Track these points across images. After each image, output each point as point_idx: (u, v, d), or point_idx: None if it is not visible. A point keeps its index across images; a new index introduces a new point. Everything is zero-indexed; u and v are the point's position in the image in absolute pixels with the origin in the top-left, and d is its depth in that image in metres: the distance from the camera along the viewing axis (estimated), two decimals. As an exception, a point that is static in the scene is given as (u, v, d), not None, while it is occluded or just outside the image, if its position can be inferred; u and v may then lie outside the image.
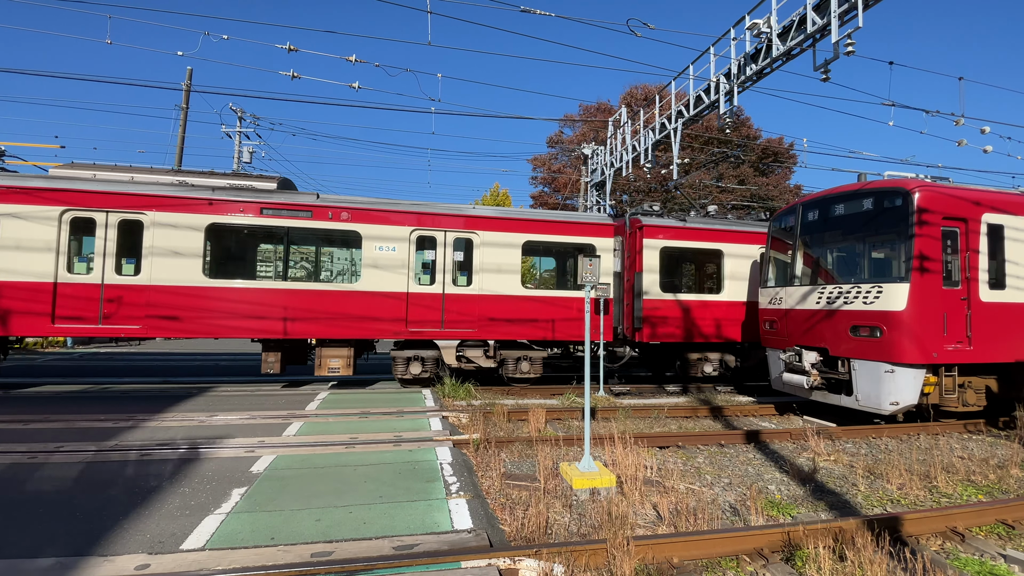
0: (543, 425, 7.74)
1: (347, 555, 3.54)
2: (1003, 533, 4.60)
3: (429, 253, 10.69)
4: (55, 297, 8.87)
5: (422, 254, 10.67)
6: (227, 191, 9.72)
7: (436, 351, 10.56)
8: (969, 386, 8.15)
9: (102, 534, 3.84)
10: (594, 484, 5.23)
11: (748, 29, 10.40)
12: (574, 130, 34.34)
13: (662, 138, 14.54)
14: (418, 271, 10.66)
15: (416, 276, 10.47)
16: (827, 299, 8.48)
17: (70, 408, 8.01)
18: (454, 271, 10.61)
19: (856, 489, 5.67)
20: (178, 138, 18.31)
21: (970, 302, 7.81)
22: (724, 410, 9.35)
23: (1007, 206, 8.36)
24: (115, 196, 9.19)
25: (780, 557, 3.93)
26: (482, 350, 10.77)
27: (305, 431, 6.97)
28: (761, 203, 29.72)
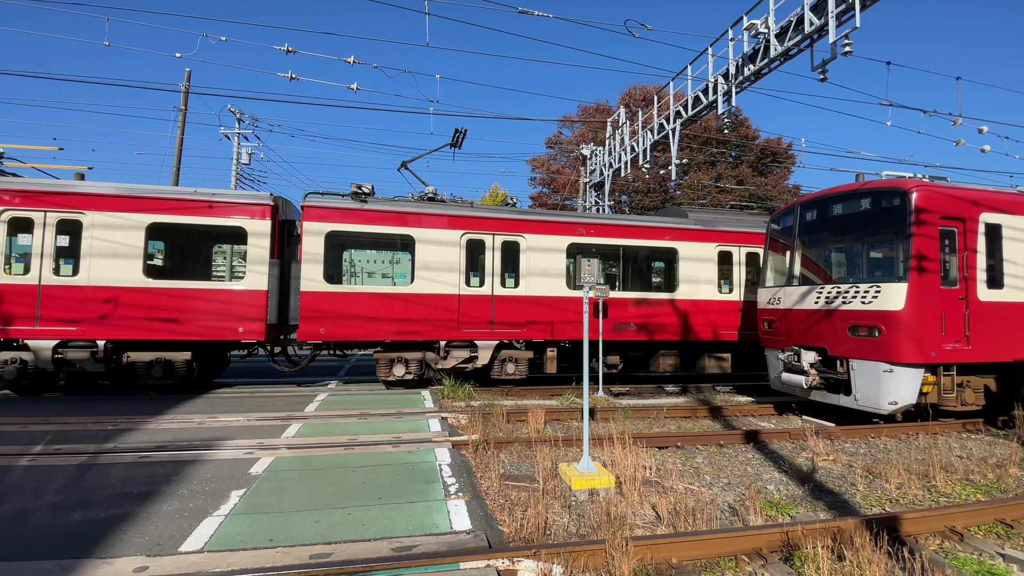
0: (542, 426, 7.74)
1: (346, 556, 3.54)
2: (1002, 532, 4.61)
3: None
4: None
5: None
6: None
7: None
8: (968, 385, 8.16)
9: (100, 536, 3.84)
10: (593, 485, 5.23)
11: (746, 30, 10.43)
12: (573, 131, 34.38)
13: (660, 139, 14.57)
14: None
15: None
16: (825, 299, 8.49)
17: (69, 410, 8.00)
18: None
19: (855, 489, 5.67)
20: (176, 140, 18.30)
21: (968, 301, 7.82)
22: (723, 410, 9.35)
23: (1005, 205, 8.38)
24: None
25: (779, 557, 3.93)
26: None
27: (304, 432, 6.97)
28: (759, 203, 29.76)
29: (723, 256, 12.20)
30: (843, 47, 8.63)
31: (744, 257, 12.35)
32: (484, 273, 10.81)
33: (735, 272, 12.31)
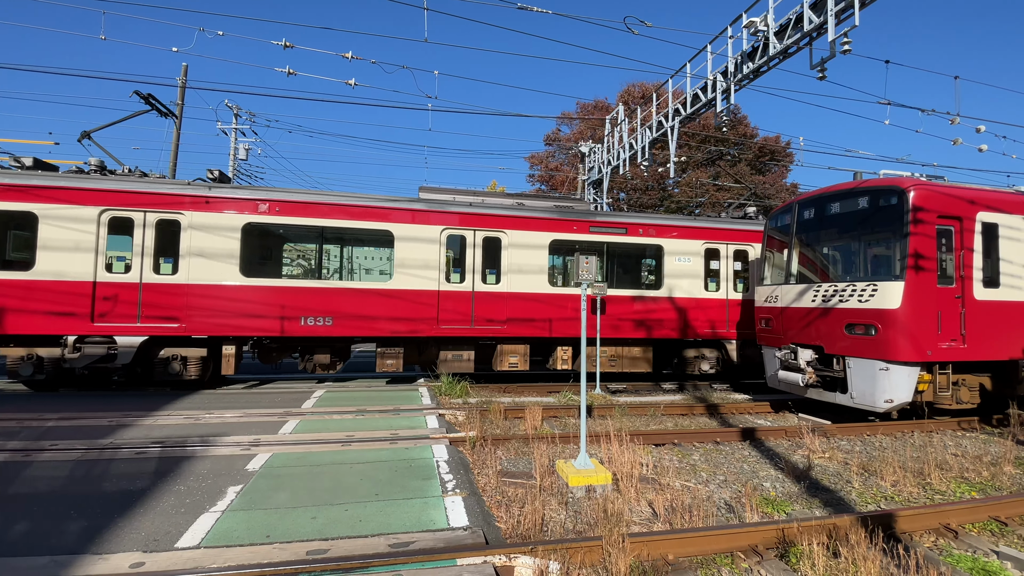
0: (539, 423, 7.75)
1: (343, 553, 3.54)
2: (996, 530, 4.63)
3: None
4: None
5: None
6: None
7: None
8: (963, 384, 8.20)
9: (96, 532, 3.83)
10: (590, 481, 5.24)
11: (745, 27, 10.42)
12: (571, 128, 34.33)
13: (659, 136, 14.56)
14: None
15: None
16: (822, 297, 8.51)
17: (65, 406, 7.97)
18: None
19: (850, 486, 5.70)
20: (173, 135, 18.20)
21: (964, 300, 7.85)
22: (720, 408, 9.38)
23: (1002, 205, 8.40)
24: None
25: (775, 554, 3.95)
26: None
27: (301, 429, 6.96)
28: (757, 201, 29.78)
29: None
30: (842, 45, 8.63)
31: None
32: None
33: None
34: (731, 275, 12.16)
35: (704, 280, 11.93)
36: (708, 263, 12.06)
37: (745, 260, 12.31)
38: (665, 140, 14.24)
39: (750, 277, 12.43)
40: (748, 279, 12.26)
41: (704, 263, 11.98)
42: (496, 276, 10.91)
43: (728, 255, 12.17)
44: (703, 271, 11.93)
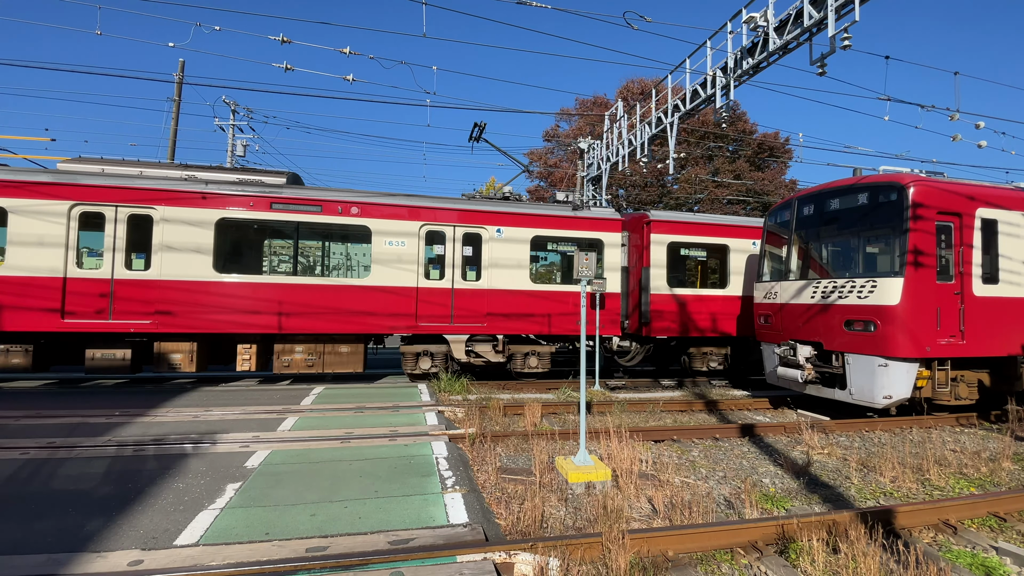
0: (539, 419, 7.74)
1: (342, 550, 3.53)
2: (995, 525, 4.64)
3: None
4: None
5: None
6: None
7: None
8: (962, 380, 8.22)
9: (95, 530, 3.82)
10: (589, 478, 5.24)
11: (745, 23, 10.36)
12: (570, 124, 34.25)
13: (658, 132, 14.51)
14: None
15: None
16: (822, 293, 8.51)
17: (63, 403, 7.95)
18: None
19: (849, 482, 5.71)
20: (170, 131, 18.12)
21: (963, 296, 7.85)
22: (719, 404, 9.39)
23: (1001, 201, 8.40)
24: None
25: (774, 550, 3.95)
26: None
27: (300, 426, 6.95)
28: (756, 197, 29.78)
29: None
30: (842, 41, 8.59)
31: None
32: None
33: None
34: (459, 262, 10.73)
35: (425, 268, 10.56)
36: (431, 247, 10.77)
37: (478, 245, 10.88)
38: (664, 136, 14.19)
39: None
40: (479, 266, 10.86)
41: (423, 248, 10.55)
42: (145, 261, 9.41)
43: (456, 238, 10.73)
44: (422, 257, 10.50)
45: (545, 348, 11.35)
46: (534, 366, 11.21)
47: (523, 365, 11.18)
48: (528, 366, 11.16)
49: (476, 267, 10.89)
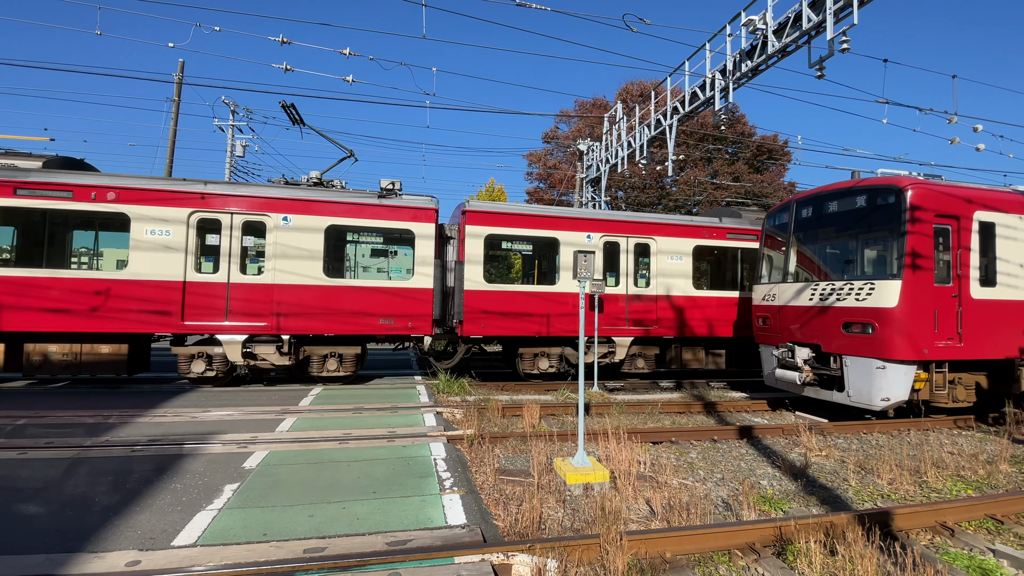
0: (537, 421, 7.75)
1: (340, 551, 3.52)
2: (992, 528, 4.65)
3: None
4: None
5: None
6: None
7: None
8: (959, 382, 8.23)
9: (92, 530, 3.81)
10: (588, 479, 5.24)
11: (744, 25, 10.41)
12: (570, 126, 34.28)
13: (657, 134, 14.55)
14: None
15: None
16: (820, 296, 8.52)
17: (61, 404, 7.94)
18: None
19: (847, 484, 5.71)
20: (170, 131, 18.12)
21: (961, 299, 7.87)
22: (717, 406, 9.40)
23: (999, 204, 8.42)
24: None
25: (772, 551, 3.95)
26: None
27: (298, 427, 6.95)
28: (755, 199, 29.82)
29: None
30: (841, 44, 8.63)
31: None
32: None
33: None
34: (237, 253, 9.67)
35: (196, 259, 9.58)
36: (204, 239, 9.80)
37: (261, 235, 9.88)
38: (663, 138, 14.23)
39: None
40: (263, 258, 9.92)
41: (193, 237, 9.50)
42: None
43: (233, 228, 9.65)
44: (191, 247, 9.46)
45: (349, 349, 10.27)
46: (333, 369, 10.15)
47: (321, 368, 10.15)
48: (327, 369, 10.12)
49: (259, 259, 9.94)
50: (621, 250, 11.62)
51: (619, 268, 11.63)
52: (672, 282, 11.74)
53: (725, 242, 12.28)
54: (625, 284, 11.58)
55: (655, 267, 11.74)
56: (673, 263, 11.80)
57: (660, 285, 11.68)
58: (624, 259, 11.61)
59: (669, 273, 11.76)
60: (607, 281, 11.55)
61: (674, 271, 11.79)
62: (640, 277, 11.91)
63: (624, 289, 11.56)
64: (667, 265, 11.74)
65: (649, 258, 11.86)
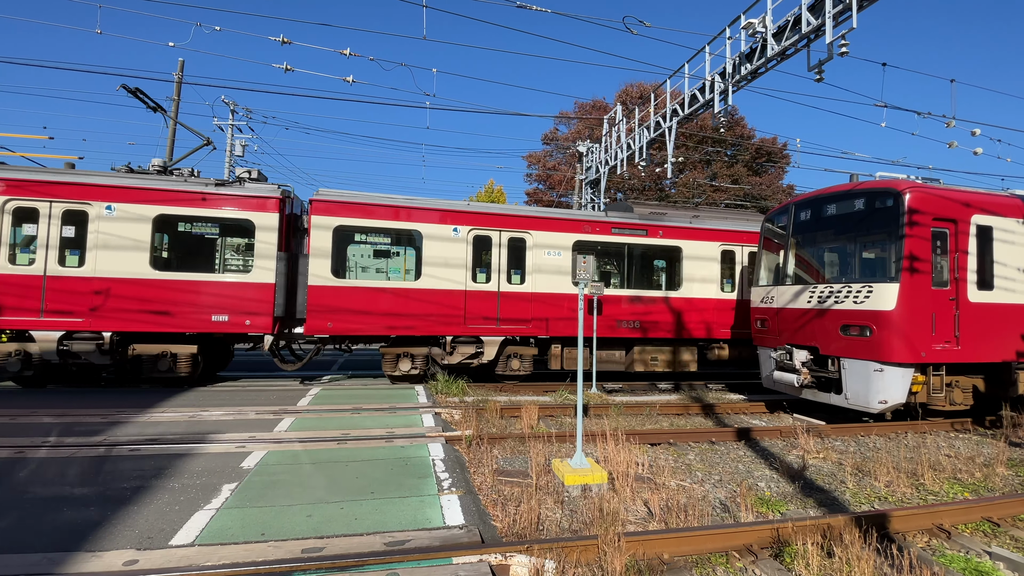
0: (535, 422, 7.75)
1: (338, 551, 3.53)
2: (988, 530, 4.67)
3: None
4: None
5: None
6: None
7: None
8: (956, 385, 8.25)
9: (89, 529, 3.81)
10: (586, 480, 5.25)
11: (743, 28, 10.43)
12: (569, 127, 34.31)
13: (657, 136, 14.57)
14: None
15: None
16: (818, 298, 8.54)
17: (59, 403, 7.92)
18: None
19: (844, 486, 5.73)
20: (169, 130, 18.10)
21: (958, 302, 7.89)
22: (715, 408, 9.41)
23: (996, 208, 8.45)
24: None
25: (769, 553, 3.96)
26: None
27: (297, 427, 6.94)
28: (754, 202, 29.89)
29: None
30: (840, 48, 8.65)
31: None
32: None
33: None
34: (56, 243, 9.08)
35: (10, 251, 8.97)
36: (19, 228, 9.13)
37: (84, 224, 9.19)
38: (663, 140, 14.25)
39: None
40: (83, 250, 9.16)
41: (8, 229, 8.94)
42: None
43: (52, 216, 9.05)
44: (5, 238, 8.91)
45: (184, 349, 9.53)
46: (164, 370, 9.48)
47: (152, 369, 9.48)
48: (157, 370, 9.47)
49: (80, 250, 9.17)
50: (493, 244, 10.93)
51: (490, 264, 10.92)
52: (550, 279, 11.05)
53: (610, 237, 11.59)
54: (497, 280, 10.87)
55: (531, 263, 11.05)
56: (551, 259, 11.12)
57: (537, 282, 11.00)
58: (496, 254, 10.91)
59: (547, 269, 11.07)
60: (476, 277, 10.79)
61: (552, 267, 11.10)
62: (514, 273, 11.11)
63: (496, 286, 10.84)
64: (544, 261, 11.07)
65: (524, 253, 11.12)
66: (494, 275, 10.92)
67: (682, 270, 11.99)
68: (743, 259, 12.46)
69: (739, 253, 12.46)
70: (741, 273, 12.43)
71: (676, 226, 12.02)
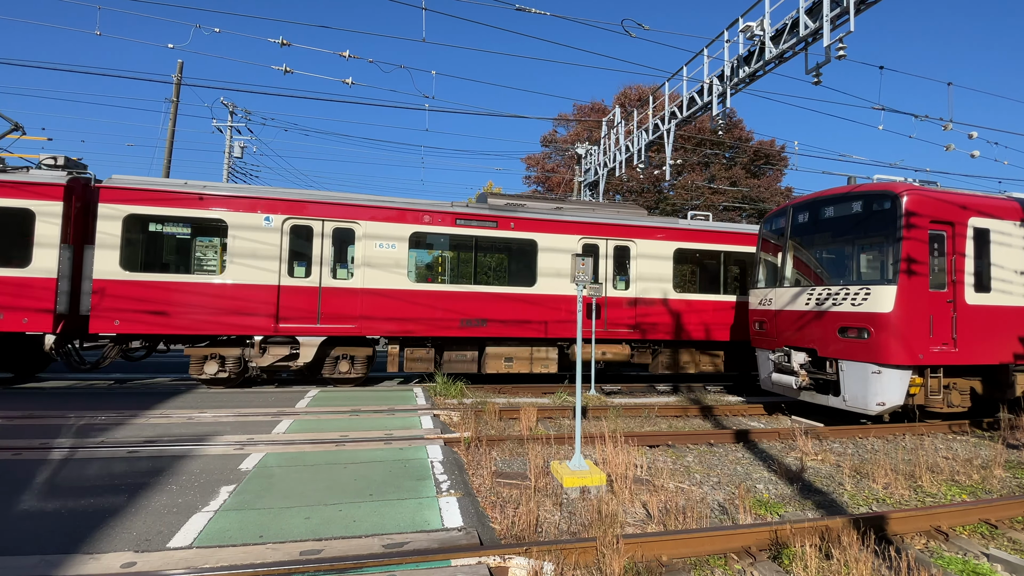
0: (534, 424, 7.75)
1: (336, 553, 3.52)
2: (986, 532, 4.68)
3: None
4: None
5: None
6: None
7: None
8: (954, 387, 8.27)
9: (88, 532, 3.80)
10: (584, 482, 5.25)
11: (741, 31, 10.48)
12: (568, 129, 34.36)
13: (655, 139, 14.61)
14: None
15: None
16: (816, 300, 8.56)
17: (57, 404, 7.90)
18: None
19: (843, 488, 5.74)
20: (168, 132, 18.10)
21: (956, 305, 7.92)
22: (713, 410, 9.41)
23: (993, 210, 8.49)
24: None
25: (767, 555, 3.97)
26: None
27: (295, 429, 6.93)
28: (752, 204, 29.95)
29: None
30: (837, 51, 8.70)
31: None
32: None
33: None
34: None
35: None
36: None
37: None
38: (661, 142, 14.30)
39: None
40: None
41: None
42: None
43: None
44: None
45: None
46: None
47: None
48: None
49: None
50: (314, 235, 10.13)
51: (310, 257, 10.13)
52: (382, 273, 10.28)
53: (454, 229, 10.79)
54: (319, 275, 10.08)
55: (360, 255, 10.25)
56: (384, 251, 10.33)
57: (367, 276, 10.20)
58: (319, 246, 10.13)
59: (379, 263, 10.30)
60: (293, 271, 10.02)
61: (385, 260, 10.33)
62: (340, 267, 10.37)
63: (317, 281, 10.04)
64: (376, 253, 10.28)
65: (352, 245, 10.37)
66: (315, 269, 10.08)
67: (537, 265, 11.16)
68: (608, 253, 11.64)
69: (603, 247, 11.62)
70: (606, 269, 11.67)
71: (530, 218, 11.19)
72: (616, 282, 11.73)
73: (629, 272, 11.81)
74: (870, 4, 8.52)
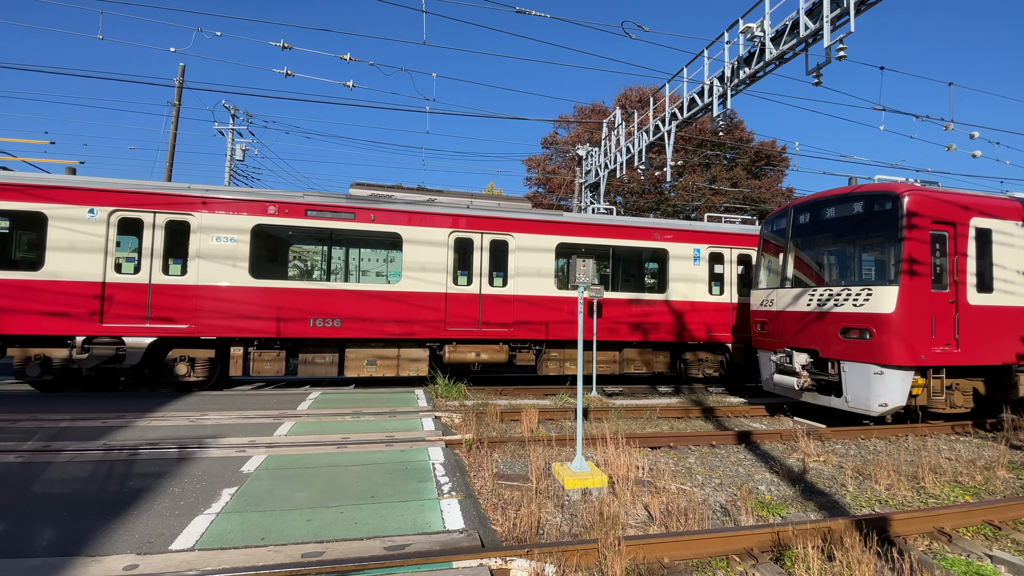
0: (536, 425, 7.74)
1: (338, 555, 3.52)
2: (989, 534, 4.66)
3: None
4: None
5: None
6: None
7: None
8: (956, 388, 8.25)
9: (90, 534, 3.80)
10: (586, 484, 5.24)
11: (742, 33, 10.48)
12: (568, 131, 34.40)
13: (656, 140, 14.62)
14: None
15: None
16: (818, 301, 8.55)
17: (59, 406, 7.92)
18: None
19: (845, 490, 5.72)
20: (170, 135, 18.15)
21: (958, 305, 7.90)
22: (715, 411, 9.40)
23: (995, 210, 8.47)
24: None
25: (769, 557, 3.96)
26: None
27: (296, 431, 6.94)
28: (754, 205, 29.93)
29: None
30: (837, 51, 8.70)
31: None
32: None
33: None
34: None
35: None
36: None
37: None
38: (662, 144, 14.31)
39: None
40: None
41: None
42: None
43: None
44: None
45: None
46: None
47: None
48: None
49: None
50: (145, 227, 9.39)
51: (140, 250, 9.41)
52: (221, 269, 9.58)
53: (304, 221, 10.07)
54: (148, 271, 9.35)
55: (196, 249, 9.51)
56: (223, 245, 9.62)
57: (203, 272, 9.51)
58: (149, 238, 9.40)
59: (217, 257, 9.59)
60: (120, 267, 9.36)
61: (224, 255, 9.61)
62: (173, 263, 9.59)
63: (147, 278, 9.32)
64: (214, 247, 9.57)
65: (188, 238, 9.58)
66: (145, 263, 9.36)
67: (402, 260, 10.48)
68: (484, 246, 10.90)
69: (478, 241, 10.87)
70: (480, 264, 10.90)
71: (392, 210, 10.42)
72: (493, 278, 10.93)
73: (508, 267, 11.02)
74: (870, 4, 8.53)
